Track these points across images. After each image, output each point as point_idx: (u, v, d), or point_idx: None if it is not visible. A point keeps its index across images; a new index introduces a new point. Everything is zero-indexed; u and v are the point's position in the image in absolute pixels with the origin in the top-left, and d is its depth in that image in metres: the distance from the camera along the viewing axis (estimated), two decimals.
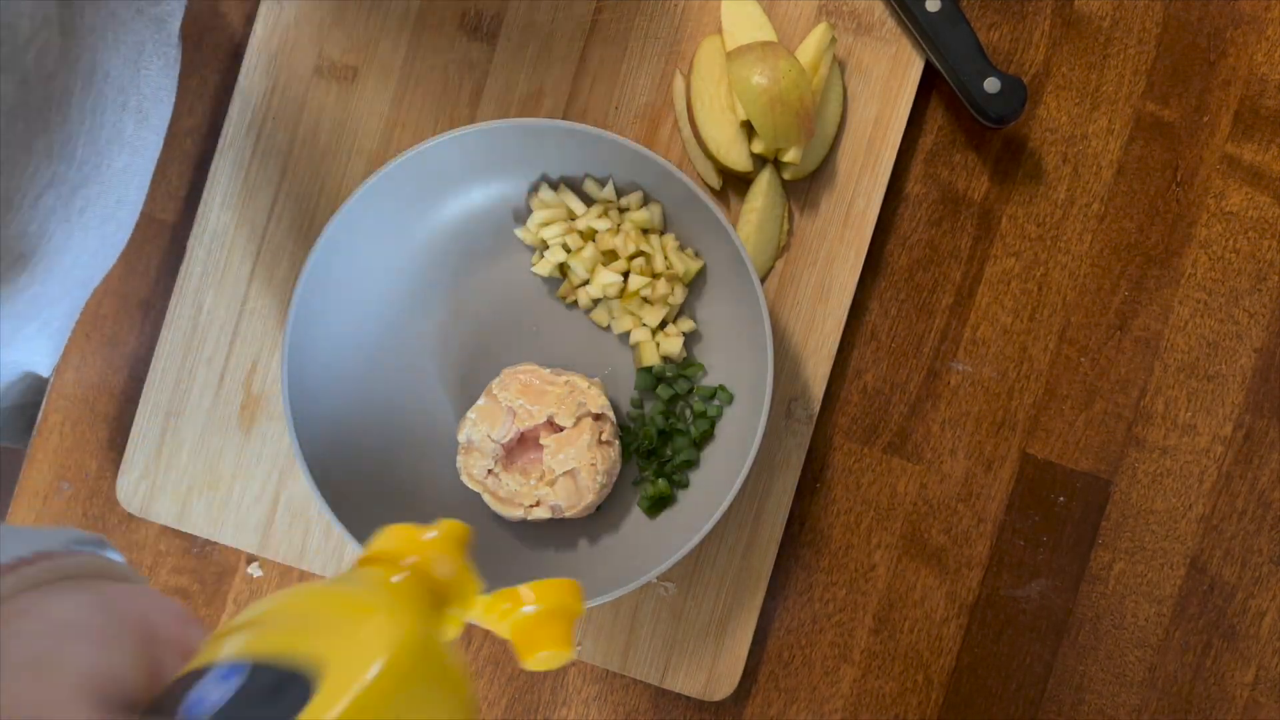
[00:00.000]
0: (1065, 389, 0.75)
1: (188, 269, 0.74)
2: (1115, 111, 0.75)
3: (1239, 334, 0.75)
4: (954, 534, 0.75)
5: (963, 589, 0.75)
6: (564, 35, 0.74)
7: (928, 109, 0.75)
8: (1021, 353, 0.75)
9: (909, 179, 0.75)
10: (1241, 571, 0.74)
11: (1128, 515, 0.75)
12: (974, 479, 0.75)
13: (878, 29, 0.74)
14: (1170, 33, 0.76)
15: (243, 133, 0.74)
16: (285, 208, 0.74)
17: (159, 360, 0.74)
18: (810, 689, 0.74)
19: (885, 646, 0.74)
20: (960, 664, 0.75)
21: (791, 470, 0.73)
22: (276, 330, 0.74)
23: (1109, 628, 0.75)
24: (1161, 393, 0.75)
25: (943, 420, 0.75)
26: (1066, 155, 0.75)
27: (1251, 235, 0.75)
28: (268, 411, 0.74)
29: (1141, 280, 0.75)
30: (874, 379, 0.75)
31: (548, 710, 0.74)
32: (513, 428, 0.69)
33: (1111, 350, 0.75)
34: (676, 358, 0.72)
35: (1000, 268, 0.75)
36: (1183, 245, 0.75)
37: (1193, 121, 0.76)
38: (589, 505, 0.70)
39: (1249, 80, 0.76)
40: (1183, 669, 0.74)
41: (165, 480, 0.74)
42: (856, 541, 0.75)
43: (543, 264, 0.72)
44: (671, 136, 0.74)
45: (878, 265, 0.75)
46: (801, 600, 0.75)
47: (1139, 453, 0.75)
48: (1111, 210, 0.75)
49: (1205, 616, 0.75)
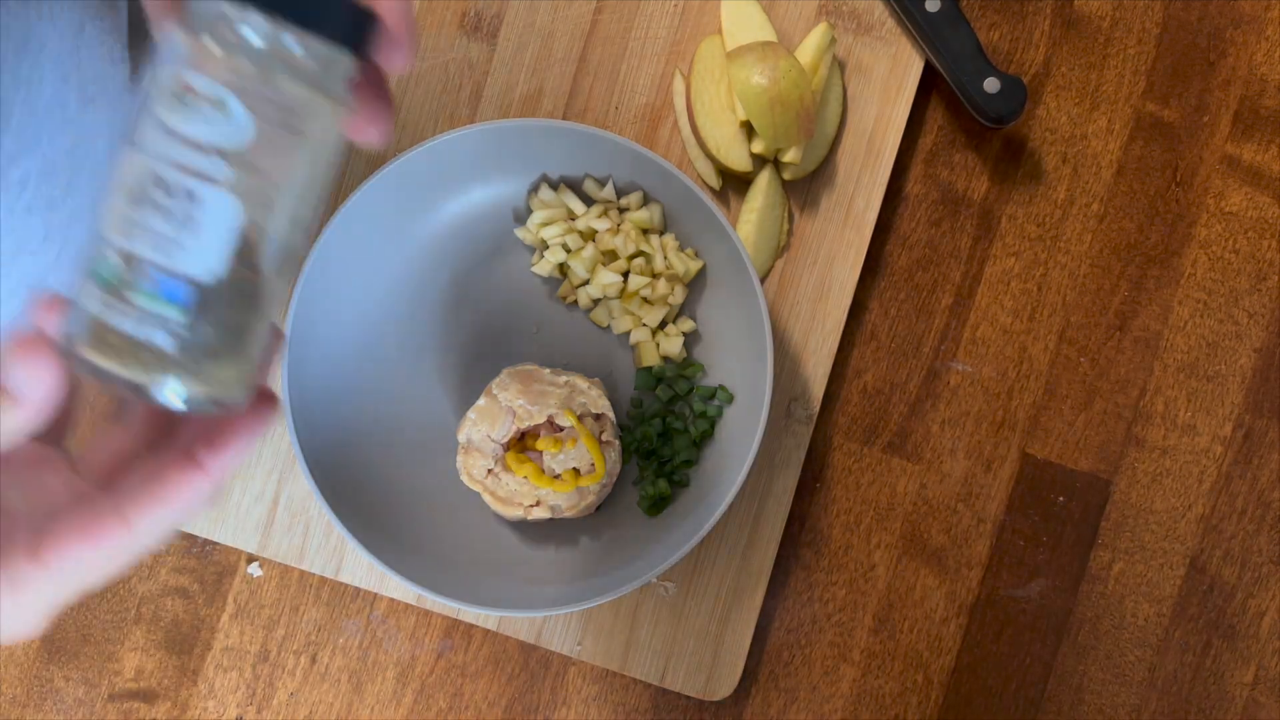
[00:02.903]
0: (1065, 389, 0.75)
1: None
2: (1115, 111, 0.75)
3: (1239, 334, 0.75)
4: (954, 534, 0.75)
5: (962, 589, 0.75)
6: (564, 35, 0.74)
7: (928, 109, 0.75)
8: (1021, 353, 0.75)
9: (909, 179, 0.75)
10: (1241, 571, 0.74)
11: (1127, 515, 0.75)
12: (974, 479, 0.75)
13: (878, 29, 0.74)
14: (1170, 33, 0.76)
15: None
16: None
17: None
18: (810, 689, 0.74)
19: (885, 646, 0.75)
20: (960, 664, 0.75)
21: (791, 470, 0.73)
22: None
23: (1109, 627, 0.75)
24: (1161, 393, 0.75)
25: (942, 420, 0.75)
26: (1066, 155, 0.75)
27: (1251, 235, 0.75)
28: None
29: (1141, 280, 0.75)
30: (874, 379, 0.75)
31: (548, 710, 0.74)
32: (512, 428, 0.69)
33: (1111, 350, 0.75)
34: (676, 358, 0.72)
35: (1000, 268, 0.75)
36: (1182, 245, 0.75)
37: (1193, 121, 0.76)
38: (589, 505, 0.70)
39: (1249, 80, 0.76)
40: (1182, 669, 0.74)
41: None
42: (856, 541, 0.75)
43: (543, 264, 0.72)
44: (671, 136, 0.74)
45: (878, 265, 0.75)
46: (801, 600, 0.75)
47: (1139, 453, 0.75)
48: (1111, 210, 0.75)
49: (1205, 616, 0.75)
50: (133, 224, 0.36)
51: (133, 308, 0.36)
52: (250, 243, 0.37)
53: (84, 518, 0.38)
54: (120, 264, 0.37)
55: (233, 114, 0.36)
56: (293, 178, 0.38)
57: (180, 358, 0.37)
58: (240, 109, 0.36)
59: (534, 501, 0.70)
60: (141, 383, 0.37)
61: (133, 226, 0.36)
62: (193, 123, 0.36)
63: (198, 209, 0.36)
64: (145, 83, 0.37)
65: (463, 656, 0.75)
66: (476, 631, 0.75)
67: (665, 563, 0.68)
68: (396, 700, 0.74)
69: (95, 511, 0.38)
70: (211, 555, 0.75)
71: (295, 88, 0.37)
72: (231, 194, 0.37)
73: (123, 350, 0.37)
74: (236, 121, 0.36)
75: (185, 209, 0.36)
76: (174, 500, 0.38)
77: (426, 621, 0.74)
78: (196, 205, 0.36)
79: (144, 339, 0.37)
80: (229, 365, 0.38)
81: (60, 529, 0.38)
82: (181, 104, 0.36)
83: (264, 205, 0.37)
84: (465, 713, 0.75)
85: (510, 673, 0.75)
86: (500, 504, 0.70)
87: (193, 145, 0.36)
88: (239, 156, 0.36)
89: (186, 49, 0.36)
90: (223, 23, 0.36)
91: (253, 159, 0.37)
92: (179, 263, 0.36)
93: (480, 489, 0.70)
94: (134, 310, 0.37)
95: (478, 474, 0.70)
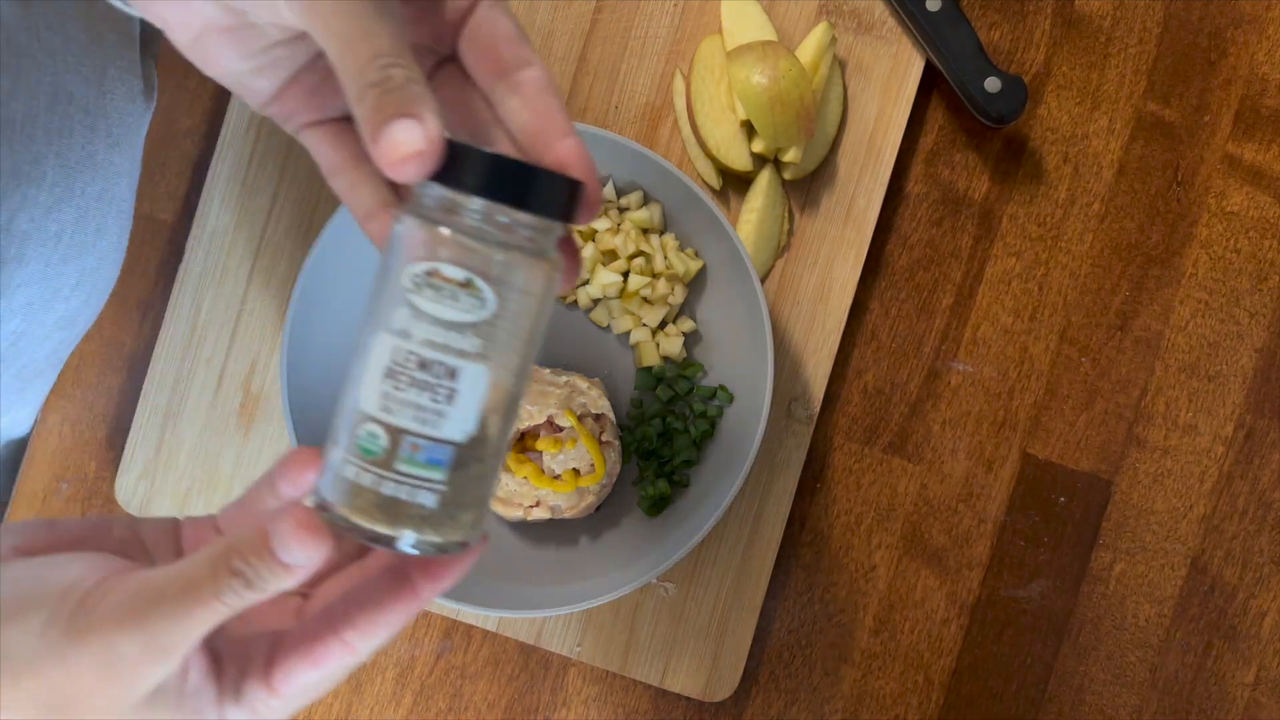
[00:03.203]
0: (1066, 389, 0.75)
1: (187, 269, 0.74)
2: (1116, 111, 0.75)
3: (1240, 334, 0.75)
4: (954, 534, 0.74)
5: (963, 589, 0.74)
6: (564, 34, 0.74)
7: (928, 108, 0.75)
8: (1022, 353, 0.75)
9: (909, 178, 0.75)
10: (1242, 572, 0.74)
11: (1128, 515, 0.75)
12: (974, 479, 0.75)
13: (878, 28, 0.74)
14: (1171, 32, 0.75)
15: (242, 132, 0.74)
16: (284, 207, 0.74)
17: (158, 360, 0.73)
18: (810, 690, 0.74)
19: (885, 647, 0.74)
20: (961, 664, 0.74)
21: (791, 470, 0.73)
22: (276, 330, 0.74)
23: (1110, 628, 0.74)
24: (1162, 393, 0.75)
25: (943, 420, 0.75)
26: (1067, 155, 0.75)
27: (1252, 235, 0.75)
28: (267, 412, 0.74)
29: (1142, 280, 0.75)
30: (874, 379, 0.75)
31: (548, 710, 0.74)
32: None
33: (1112, 350, 0.75)
34: (676, 358, 0.72)
35: (1001, 267, 0.75)
36: (1183, 245, 0.75)
37: (1193, 121, 0.75)
38: (589, 505, 0.70)
39: (1250, 80, 0.75)
40: (1183, 669, 0.74)
41: (165, 481, 0.73)
42: (857, 542, 0.74)
43: None
44: (671, 136, 0.74)
45: (878, 265, 0.75)
46: (802, 600, 0.74)
47: (1140, 453, 0.75)
48: (1112, 210, 0.75)
49: (1206, 617, 0.74)
50: (397, 402, 0.40)
51: (397, 474, 0.40)
52: (493, 399, 0.41)
53: (310, 644, 0.41)
54: (385, 438, 0.40)
55: (480, 292, 0.40)
56: (521, 335, 0.41)
57: (437, 513, 0.40)
58: (485, 286, 0.40)
59: (534, 502, 0.69)
60: (391, 535, 0.40)
61: (397, 404, 0.40)
62: (446, 306, 0.40)
63: (457, 382, 0.40)
64: (391, 274, 0.41)
65: (462, 657, 0.75)
66: (476, 632, 0.74)
67: (665, 563, 0.67)
68: (396, 701, 0.74)
69: (319, 638, 0.41)
70: None
71: (525, 260, 0.40)
72: (482, 363, 0.40)
73: (381, 509, 0.40)
74: (483, 298, 0.40)
75: (447, 385, 0.40)
76: (392, 624, 0.42)
77: (426, 622, 0.74)
78: (456, 379, 0.40)
79: (406, 499, 0.40)
80: (471, 511, 0.42)
81: (289, 658, 0.41)
82: (434, 290, 0.40)
83: (503, 365, 0.41)
84: (465, 714, 0.74)
85: (510, 673, 0.75)
86: (500, 505, 0.70)
87: (447, 325, 0.40)
88: (484, 327, 0.40)
89: (427, 240, 0.40)
90: (462, 214, 0.40)
91: (494, 326, 0.40)
92: (441, 430, 0.40)
93: None
94: (398, 476, 0.40)
95: None
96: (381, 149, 0.39)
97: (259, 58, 0.45)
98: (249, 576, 0.39)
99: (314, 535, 0.39)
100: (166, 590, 0.39)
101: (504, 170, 0.40)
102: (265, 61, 0.45)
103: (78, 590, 0.40)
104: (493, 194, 0.40)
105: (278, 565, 0.39)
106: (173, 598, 0.39)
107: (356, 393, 0.41)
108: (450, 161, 0.40)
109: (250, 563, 0.39)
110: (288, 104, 0.46)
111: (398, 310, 0.40)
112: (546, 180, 0.41)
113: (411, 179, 0.39)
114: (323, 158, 0.46)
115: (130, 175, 0.62)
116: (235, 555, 0.39)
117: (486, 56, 0.44)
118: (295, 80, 0.46)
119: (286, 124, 0.47)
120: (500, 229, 0.40)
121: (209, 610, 0.39)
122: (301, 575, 0.40)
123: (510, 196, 0.40)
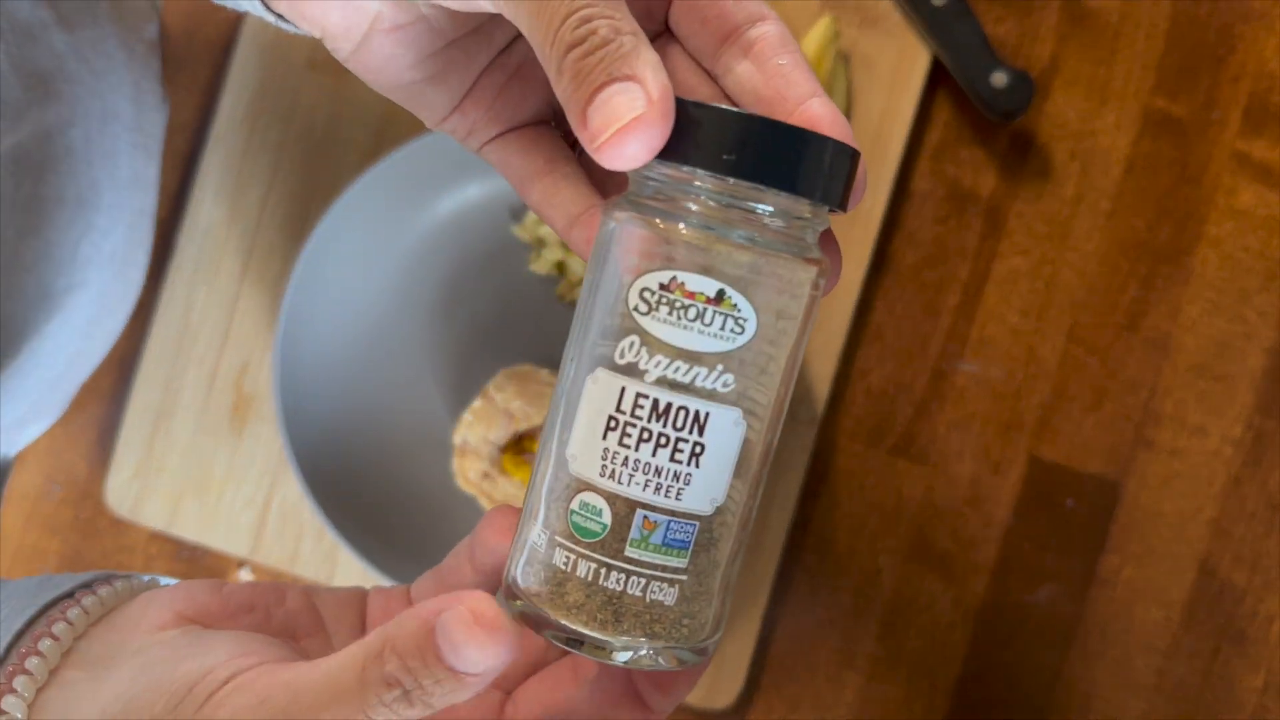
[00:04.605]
0: (1074, 390, 0.74)
1: (178, 266, 0.73)
2: (1124, 107, 0.75)
3: (1249, 334, 0.74)
4: (961, 538, 0.74)
5: (969, 594, 0.74)
6: None
7: (934, 104, 0.75)
8: (1029, 353, 0.74)
9: (915, 175, 0.75)
10: (1251, 575, 0.74)
11: (1137, 518, 0.74)
12: (981, 482, 0.74)
13: (883, 22, 0.73)
14: (1179, 28, 0.75)
15: (234, 127, 0.73)
16: (277, 204, 0.73)
17: (149, 360, 0.73)
18: (814, 696, 0.74)
19: (890, 653, 0.74)
20: (967, 670, 0.74)
21: (795, 473, 0.72)
22: (268, 330, 0.73)
23: (1117, 633, 0.74)
24: (1171, 394, 0.74)
25: (949, 422, 0.74)
26: (1075, 151, 0.75)
27: (1261, 233, 0.74)
28: (259, 413, 0.73)
29: (1150, 279, 0.75)
30: (879, 379, 0.74)
31: None
32: (509, 430, 0.68)
33: (1120, 350, 0.74)
34: None
35: (1008, 266, 0.74)
36: (1192, 243, 0.75)
37: (1202, 118, 0.75)
38: None
39: (1258, 76, 0.75)
40: (1191, 674, 0.74)
41: (156, 483, 0.73)
42: (861, 545, 0.74)
43: (540, 262, 0.72)
44: None
45: (883, 263, 0.74)
46: (805, 605, 0.74)
47: (1148, 454, 0.74)
48: (1120, 207, 0.75)
49: (1214, 621, 0.74)
50: (625, 464, 0.30)
51: (626, 562, 0.31)
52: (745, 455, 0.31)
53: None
54: (609, 513, 0.31)
55: (736, 309, 0.30)
56: (783, 364, 0.31)
57: (674, 610, 0.31)
58: (743, 301, 0.30)
59: None
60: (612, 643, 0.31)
61: (625, 467, 0.30)
62: (690, 330, 0.30)
63: (705, 435, 0.30)
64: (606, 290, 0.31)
65: None
66: None
67: None
68: None
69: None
70: (202, 561, 0.74)
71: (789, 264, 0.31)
72: (736, 406, 0.30)
73: (601, 608, 0.31)
74: (740, 316, 0.30)
75: (691, 439, 0.30)
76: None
77: None
78: (704, 431, 0.30)
79: (637, 594, 0.31)
80: (713, 605, 0.32)
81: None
82: (671, 309, 0.30)
83: (760, 407, 0.31)
84: None
85: None
86: None
87: (691, 358, 0.30)
88: (737, 357, 0.30)
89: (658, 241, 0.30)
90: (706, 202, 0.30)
91: (750, 354, 0.30)
92: (684, 501, 0.30)
93: (476, 492, 0.69)
94: (626, 565, 0.31)
95: (473, 477, 0.69)
96: (592, 129, 0.30)
97: (433, 63, 0.37)
98: (407, 687, 0.30)
99: (493, 636, 0.30)
100: (301, 699, 0.31)
101: (764, 137, 0.29)
102: (441, 67, 0.38)
103: (205, 686, 0.33)
104: (750, 171, 0.30)
105: (444, 672, 0.30)
106: (305, 708, 0.31)
107: (564, 451, 0.31)
108: (684, 132, 0.30)
109: (410, 667, 0.30)
110: (470, 115, 0.39)
111: (621, 339, 0.30)
112: (820, 149, 0.30)
113: (636, 160, 0.30)
114: (512, 171, 0.38)
115: (158, 185, 0.63)
116: (392, 655, 0.31)
117: (709, 17, 0.34)
118: (477, 86, 0.39)
119: (469, 141, 0.39)
120: (753, 224, 0.30)
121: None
122: (477, 686, 0.31)
123: (773, 174, 0.30)
